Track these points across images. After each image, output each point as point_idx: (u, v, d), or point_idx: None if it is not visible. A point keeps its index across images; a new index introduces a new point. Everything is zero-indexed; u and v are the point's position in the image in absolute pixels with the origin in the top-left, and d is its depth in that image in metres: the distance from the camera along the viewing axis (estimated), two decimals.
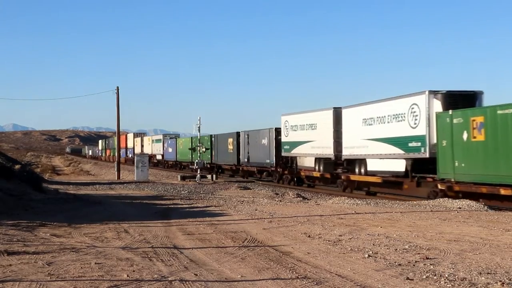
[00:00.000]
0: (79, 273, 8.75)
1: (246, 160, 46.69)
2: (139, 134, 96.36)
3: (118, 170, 47.59)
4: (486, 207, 19.91)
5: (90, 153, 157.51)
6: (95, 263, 9.51)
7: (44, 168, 64.98)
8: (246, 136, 46.62)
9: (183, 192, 29.43)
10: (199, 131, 44.01)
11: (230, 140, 50.47)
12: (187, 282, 8.29)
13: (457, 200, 21.22)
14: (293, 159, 38.71)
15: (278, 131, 40.68)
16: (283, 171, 40.27)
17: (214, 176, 43.43)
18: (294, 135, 38.07)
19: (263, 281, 8.44)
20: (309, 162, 36.06)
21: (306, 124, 36.34)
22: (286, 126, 39.29)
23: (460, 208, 19.57)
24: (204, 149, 45.26)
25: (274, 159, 40.98)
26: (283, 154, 39.61)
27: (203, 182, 38.86)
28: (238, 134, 48.71)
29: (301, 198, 25.40)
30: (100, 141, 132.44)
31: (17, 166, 32.28)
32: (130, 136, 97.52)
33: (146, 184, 36.33)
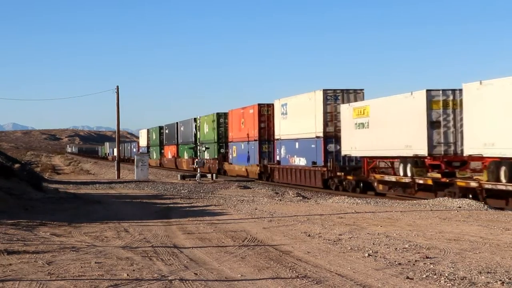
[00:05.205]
0: (79, 273, 8.76)
1: None
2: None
3: (118, 169, 47.57)
4: (486, 206, 19.93)
5: (115, 154, 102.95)
6: (95, 262, 9.52)
7: (44, 167, 65.07)
8: None
9: (183, 191, 29.41)
10: (198, 131, 44.04)
11: None
12: (187, 282, 8.29)
13: (457, 199, 21.24)
14: None
15: None
16: None
17: (214, 175, 43.42)
18: None
19: (263, 280, 8.44)
20: None
21: None
22: None
23: (460, 207, 19.57)
24: (204, 149, 45.10)
25: None
26: None
27: (203, 181, 38.86)
28: None
29: (301, 197, 25.38)
30: (144, 131, 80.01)
31: (17, 165, 32.32)
32: (277, 106, 38.29)
33: (146, 183, 36.30)
